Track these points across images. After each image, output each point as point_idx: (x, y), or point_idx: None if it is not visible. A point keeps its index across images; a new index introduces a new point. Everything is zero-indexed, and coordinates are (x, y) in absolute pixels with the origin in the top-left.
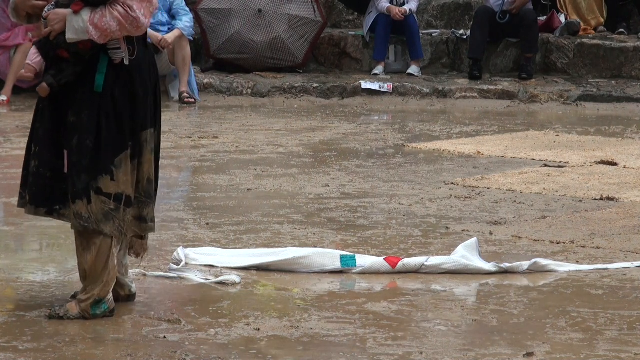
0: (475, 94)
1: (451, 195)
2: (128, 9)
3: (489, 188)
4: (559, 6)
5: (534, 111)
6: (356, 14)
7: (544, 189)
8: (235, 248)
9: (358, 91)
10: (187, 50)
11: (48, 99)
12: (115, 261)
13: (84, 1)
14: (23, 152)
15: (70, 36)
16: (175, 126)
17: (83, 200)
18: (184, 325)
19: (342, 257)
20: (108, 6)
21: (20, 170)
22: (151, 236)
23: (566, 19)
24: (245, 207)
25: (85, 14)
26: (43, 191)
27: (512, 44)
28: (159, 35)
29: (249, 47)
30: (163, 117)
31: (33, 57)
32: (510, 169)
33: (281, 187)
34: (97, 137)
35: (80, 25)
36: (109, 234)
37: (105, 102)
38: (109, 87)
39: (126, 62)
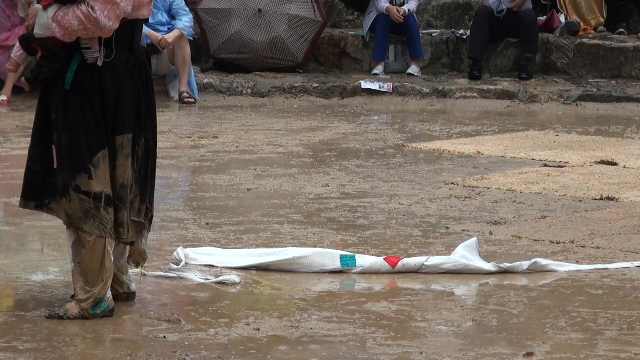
0: (475, 94)
1: (451, 195)
2: (90, 10)
3: (489, 188)
4: (559, 6)
5: (534, 111)
6: (356, 14)
7: (544, 189)
8: (235, 248)
9: (358, 91)
10: (187, 50)
11: (40, 96)
12: (113, 258)
13: None
14: (23, 152)
15: (36, 31)
16: (175, 126)
17: (66, 198)
18: (184, 325)
19: (342, 257)
20: (75, 5)
21: (20, 170)
22: (151, 236)
23: (566, 19)
24: (245, 207)
25: (51, 11)
26: (33, 185)
27: (512, 44)
28: (159, 35)
29: (249, 47)
30: (163, 117)
31: (17, 51)
32: (510, 169)
33: (281, 187)
34: (74, 135)
35: (45, 22)
36: (89, 232)
37: (80, 101)
38: (82, 86)
39: (99, 63)
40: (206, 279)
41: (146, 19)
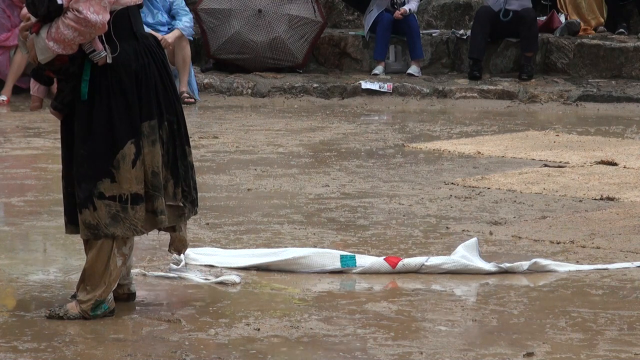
0: (475, 94)
1: (451, 195)
2: (76, 13)
3: (489, 188)
4: (559, 6)
5: (534, 111)
6: (356, 13)
7: (544, 189)
8: (235, 248)
9: (358, 91)
10: (187, 50)
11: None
12: (119, 262)
13: (41, 20)
14: (23, 152)
15: (40, 57)
16: None
17: (89, 209)
18: (184, 325)
19: (342, 257)
20: (61, 17)
21: (21, 170)
22: (151, 236)
23: (566, 19)
24: (245, 207)
25: (43, 32)
26: (74, 209)
27: (512, 44)
28: (159, 35)
29: (249, 47)
30: None
31: (34, 87)
32: (510, 169)
33: (281, 187)
34: (93, 143)
35: (43, 44)
36: (121, 236)
37: (97, 108)
38: (98, 91)
39: (109, 60)
40: (206, 279)
41: (139, 5)
